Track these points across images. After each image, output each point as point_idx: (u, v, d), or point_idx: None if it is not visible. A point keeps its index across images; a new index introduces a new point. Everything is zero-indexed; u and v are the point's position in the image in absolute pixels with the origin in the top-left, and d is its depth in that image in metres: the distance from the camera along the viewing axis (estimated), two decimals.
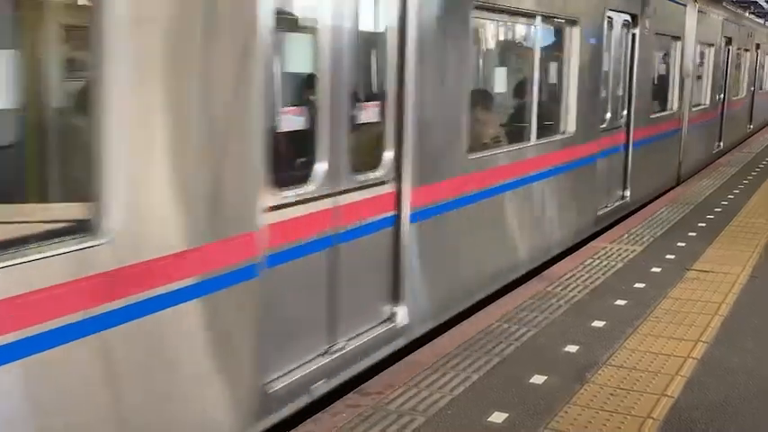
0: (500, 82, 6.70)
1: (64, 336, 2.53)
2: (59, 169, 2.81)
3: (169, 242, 2.89)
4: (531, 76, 6.44)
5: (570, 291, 5.75)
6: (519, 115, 6.62)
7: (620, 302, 5.51)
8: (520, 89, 6.74)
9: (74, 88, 2.90)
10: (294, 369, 3.73)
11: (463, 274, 5.37)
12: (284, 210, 3.61)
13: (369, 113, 4.37)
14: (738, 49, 15.56)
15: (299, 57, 4.11)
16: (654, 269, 6.38)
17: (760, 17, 44.09)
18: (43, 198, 2.84)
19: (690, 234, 7.66)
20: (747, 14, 19.09)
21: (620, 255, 6.80)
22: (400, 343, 4.59)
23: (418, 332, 4.78)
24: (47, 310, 2.46)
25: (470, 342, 4.70)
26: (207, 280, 3.06)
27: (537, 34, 6.46)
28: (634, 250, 6.97)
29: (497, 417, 3.73)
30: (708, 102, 12.92)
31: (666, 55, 10.71)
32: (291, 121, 3.90)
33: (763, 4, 37.83)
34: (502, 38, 7.00)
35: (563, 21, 6.89)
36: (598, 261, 6.59)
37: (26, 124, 2.80)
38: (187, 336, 3.04)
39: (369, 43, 4.46)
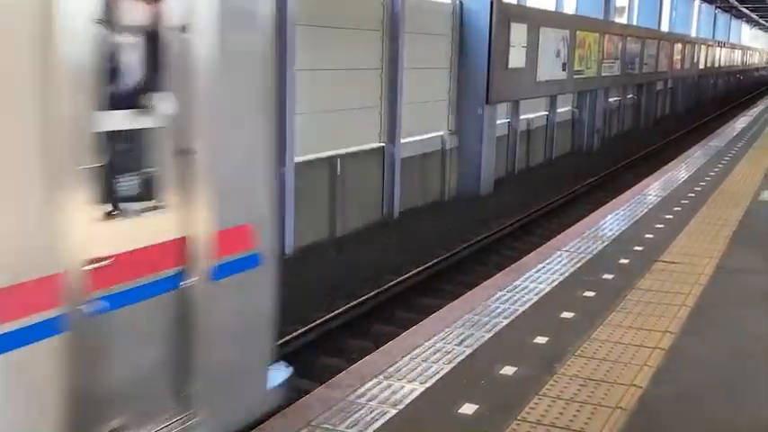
0: None
1: None
2: None
3: None
4: None
5: (540, 283, 5.78)
6: None
7: (589, 294, 5.55)
8: None
9: None
10: None
11: None
12: None
13: None
14: None
15: None
16: (622, 261, 6.43)
17: (726, 11, 44.67)
18: None
19: (657, 226, 7.73)
20: None
21: (588, 248, 6.85)
22: None
23: None
24: None
25: (441, 334, 4.70)
26: None
27: None
28: (602, 243, 7.03)
29: (468, 408, 3.74)
30: None
31: None
32: None
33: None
34: None
35: None
36: (567, 253, 6.63)
37: None
38: None
39: None
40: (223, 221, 3.26)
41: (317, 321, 7.78)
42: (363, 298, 8.53)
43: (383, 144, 12.79)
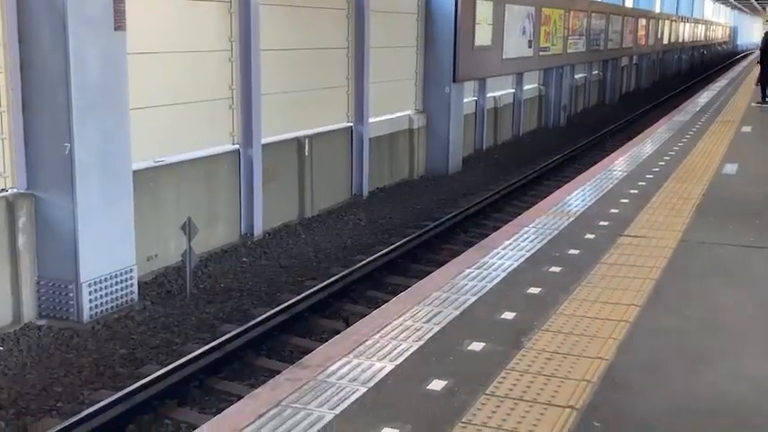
0: None
1: None
2: None
3: None
4: None
5: (507, 260, 5.83)
6: None
7: (556, 269, 5.61)
8: None
9: None
10: None
11: None
12: None
13: None
14: None
15: None
16: (588, 236, 6.50)
17: None
18: None
19: (622, 201, 7.82)
20: None
21: (554, 224, 6.91)
22: None
23: None
24: None
25: (410, 312, 4.73)
26: None
27: None
28: (568, 219, 7.10)
29: (437, 384, 3.78)
30: None
31: None
32: None
33: None
34: None
35: None
36: (534, 230, 6.69)
37: None
38: None
39: None
40: None
41: (287, 303, 7.79)
42: (333, 278, 8.55)
43: (351, 124, 12.78)
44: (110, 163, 7.56)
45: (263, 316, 7.42)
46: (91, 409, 5.63)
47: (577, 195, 8.14)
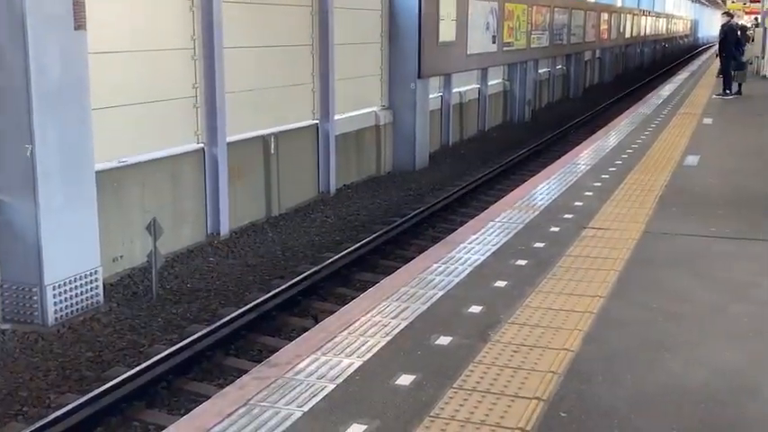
0: None
1: None
2: None
3: None
4: None
5: (474, 254, 5.87)
6: None
7: (522, 262, 5.65)
8: None
9: None
10: None
11: None
12: None
13: None
14: None
15: None
16: (553, 229, 6.57)
17: None
18: None
19: (586, 194, 7.90)
20: None
21: (520, 218, 6.97)
22: None
23: None
24: None
25: (378, 308, 4.75)
26: None
27: None
28: (533, 212, 7.15)
29: (405, 379, 3.80)
30: None
31: None
32: None
33: None
34: None
35: None
36: (499, 224, 6.74)
37: None
38: None
39: None
40: None
41: (255, 302, 7.76)
42: (301, 276, 8.54)
43: (317, 121, 12.76)
44: (72, 164, 7.47)
45: (231, 315, 7.38)
46: (58, 413, 5.57)
47: (542, 189, 8.21)
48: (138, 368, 6.29)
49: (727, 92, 17.93)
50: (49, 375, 6.48)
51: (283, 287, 8.18)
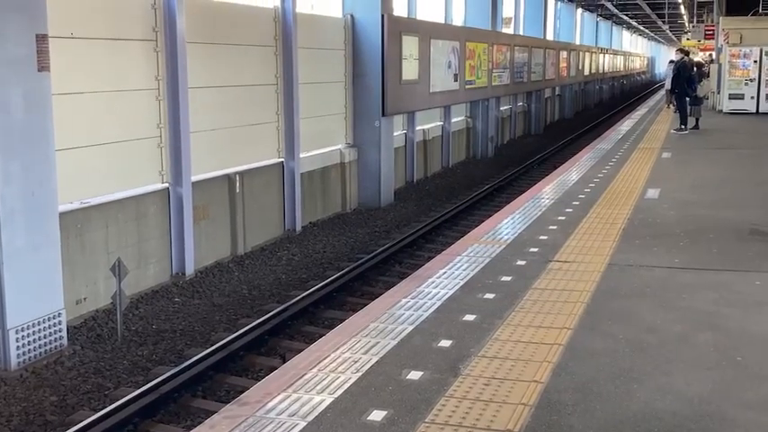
0: None
1: None
2: None
3: None
4: None
5: (442, 288, 5.89)
6: None
7: (489, 296, 5.69)
8: None
9: None
10: None
11: None
12: None
13: None
14: None
15: None
16: (519, 262, 6.62)
17: (607, 19, 46.63)
18: None
19: (551, 228, 7.99)
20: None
21: (486, 251, 7.02)
22: None
23: None
24: None
25: (347, 345, 4.74)
26: None
27: None
28: (500, 246, 7.21)
29: (377, 415, 3.79)
30: None
31: None
32: None
33: (610, 7, 39.93)
34: None
35: None
36: (467, 258, 6.78)
37: None
38: None
39: None
40: None
41: (221, 342, 7.69)
42: (268, 315, 8.49)
43: (282, 159, 12.78)
44: (36, 205, 7.39)
45: (198, 356, 7.30)
46: None
47: (508, 223, 8.29)
48: (102, 412, 6.18)
49: (683, 127, 18.30)
50: (12, 421, 6.34)
51: (250, 326, 8.11)
